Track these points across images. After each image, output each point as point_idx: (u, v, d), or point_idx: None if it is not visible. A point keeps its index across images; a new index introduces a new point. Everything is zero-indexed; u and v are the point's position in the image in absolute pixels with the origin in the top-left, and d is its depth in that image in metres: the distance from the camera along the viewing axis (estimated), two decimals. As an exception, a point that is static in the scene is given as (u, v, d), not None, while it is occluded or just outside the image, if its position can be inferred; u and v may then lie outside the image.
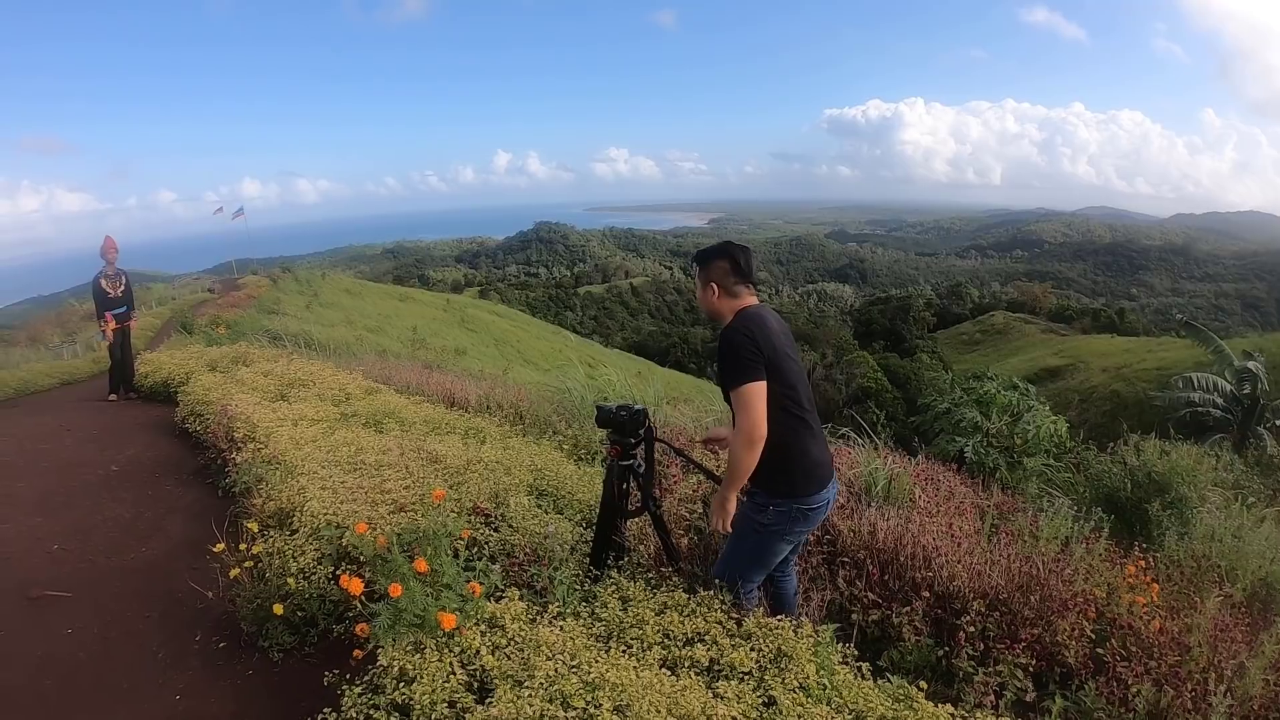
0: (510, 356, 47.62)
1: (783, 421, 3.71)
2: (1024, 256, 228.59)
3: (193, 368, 12.62)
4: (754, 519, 3.84)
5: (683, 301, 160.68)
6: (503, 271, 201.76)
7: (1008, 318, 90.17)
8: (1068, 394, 46.06)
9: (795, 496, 3.78)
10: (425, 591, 3.47)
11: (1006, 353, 74.61)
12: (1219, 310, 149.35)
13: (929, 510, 5.84)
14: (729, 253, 3.98)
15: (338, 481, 5.68)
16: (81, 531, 6.70)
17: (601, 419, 4.43)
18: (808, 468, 3.79)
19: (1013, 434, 11.79)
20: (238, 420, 7.95)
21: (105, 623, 5.02)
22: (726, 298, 3.95)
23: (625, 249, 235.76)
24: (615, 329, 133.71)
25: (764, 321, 3.81)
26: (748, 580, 4.05)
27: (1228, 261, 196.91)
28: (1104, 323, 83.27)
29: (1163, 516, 7.42)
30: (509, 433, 8.35)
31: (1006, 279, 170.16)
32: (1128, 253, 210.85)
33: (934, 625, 4.41)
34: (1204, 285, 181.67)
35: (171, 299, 40.47)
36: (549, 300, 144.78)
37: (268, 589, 4.59)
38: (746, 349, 3.64)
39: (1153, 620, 4.37)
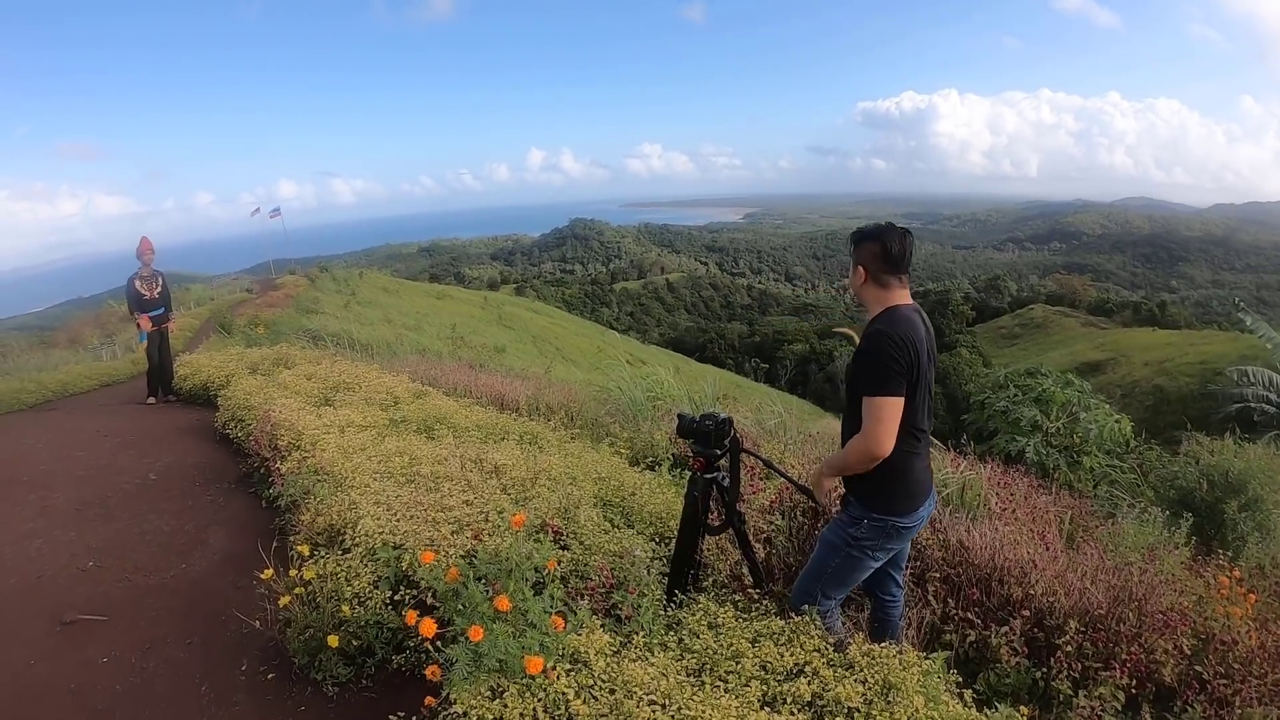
0: (549, 354, 47.56)
1: (901, 439, 3.45)
2: (1062, 249, 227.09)
3: (233, 370, 12.43)
4: (847, 531, 3.63)
5: (719, 297, 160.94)
6: (538, 269, 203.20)
7: (1047, 311, 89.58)
8: (1109, 388, 45.49)
9: (894, 513, 3.57)
10: (507, 631, 3.17)
11: (1046, 347, 74.08)
12: (1261, 302, 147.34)
13: (1008, 517, 5.55)
14: (882, 236, 3.66)
15: (392, 495, 5.37)
16: (118, 546, 6.47)
17: (684, 429, 4.13)
18: (910, 485, 3.60)
19: (1072, 433, 11.46)
20: (281, 427, 7.68)
21: (144, 650, 4.74)
22: (874, 287, 3.66)
23: (660, 245, 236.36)
24: (652, 325, 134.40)
25: (916, 331, 3.53)
26: (829, 598, 3.81)
27: (1269, 251, 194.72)
28: (1144, 315, 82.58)
29: (1240, 519, 7.10)
30: (564, 437, 8.08)
31: (1045, 272, 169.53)
32: (1167, 244, 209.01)
33: (1028, 644, 4.13)
34: (1245, 276, 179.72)
35: (210, 299, 40.68)
36: (585, 297, 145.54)
37: (320, 617, 4.29)
38: (897, 362, 3.40)
39: (1251, 634, 4.07)
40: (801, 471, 5.56)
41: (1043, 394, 12.34)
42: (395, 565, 4.38)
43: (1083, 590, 4.29)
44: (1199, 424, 10.80)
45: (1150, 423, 24.60)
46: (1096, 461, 10.70)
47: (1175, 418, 28.02)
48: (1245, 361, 28.97)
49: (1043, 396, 12.29)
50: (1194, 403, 34.48)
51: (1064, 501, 6.85)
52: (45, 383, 15.39)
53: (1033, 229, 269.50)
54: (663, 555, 4.73)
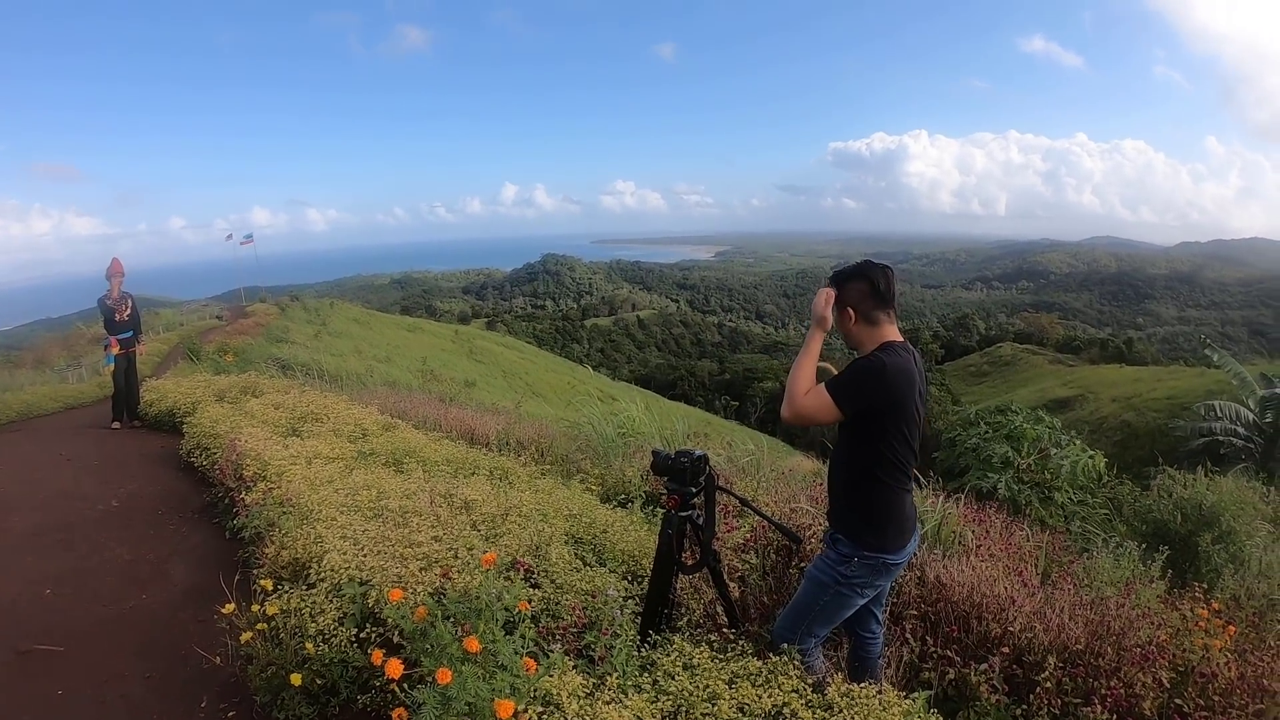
0: (520, 389, 47.47)
1: (887, 475, 3.49)
2: (1030, 287, 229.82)
3: (199, 397, 12.29)
4: (836, 570, 3.58)
5: (689, 335, 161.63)
6: (510, 303, 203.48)
7: (1015, 349, 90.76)
8: (1078, 424, 45.80)
9: (885, 550, 3.55)
10: (476, 674, 3.07)
11: (1015, 384, 74.88)
12: (1226, 338, 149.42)
13: (983, 553, 5.52)
14: (867, 274, 3.64)
15: (359, 530, 5.24)
16: (78, 575, 6.36)
17: (659, 466, 4.05)
18: (901, 521, 3.59)
19: (1044, 469, 11.48)
20: (247, 456, 7.56)
21: (101, 683, 4.61)
22: (865, 325, 3.63)
23: (632, 281, 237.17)
24: (623, 361, 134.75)
25: (906, 367, 3.51)
26: (813, 635, 3.77)
27: (1234, 288, 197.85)
28: (1112, 352, 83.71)
29: (1213, 552, 7.14)
30: (535, 473, 8.01)
31: (1013, 310, 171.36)
32: (1133, 282, 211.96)
33: (1007, 682, 4.07)
34: (1210, 313, 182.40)
35: (179, 325, 40.45)
36: (556, 332, 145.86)
37: (283, 654, 4.15)
38: (867, 385, 3.43)
39: (1230, 665, 4.04)
40: (775, 509, 5.50)
41: (1013, 431, 12.38)
42: (361, 602, 4.27)
43: (1061, 626, 4.24)
44: (1168, 458, 10.88)
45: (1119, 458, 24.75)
46: (1068, 497, 10.72)
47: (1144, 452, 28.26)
48: (1212, 396, 29.36)
49: (1013, 433, 12.33)
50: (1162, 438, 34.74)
51: (1038, 537, 6.83)
52: (9, 403, 15.25)
53: (1001, 268, 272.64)
54: (636, 594, 4.66)
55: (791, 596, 4.32)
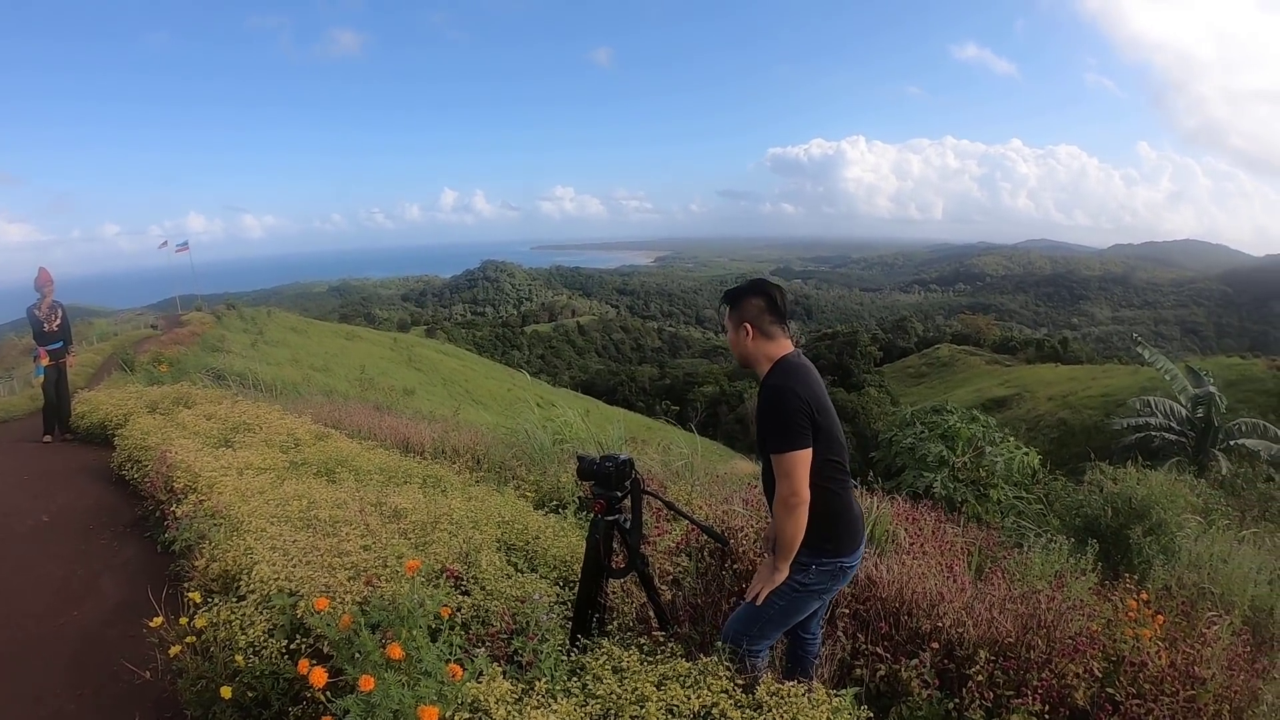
0: (459, 396, 47.13)
1: (829, 478, 3.55)
2: (967, 290, 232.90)
3: (131, 408, 12.07)
4: (793, 579, 3.60)
5: (629, 340, 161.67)
6: (449, 310, 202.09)
7: (953, 350, 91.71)
8: (1015, 423, 46.55)
9: (841, 554, 3.62)
10: (400, 680, 3.04)
11: (953, 384, 75.66)
12: (1159, 336, 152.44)
13: (916, 551, 5.58)
14: (763, 289, 3.71)
15: (289, 540, 5.18)
16: (7, 591, 6.26)
17: (584, 471, 4.07)
18: (851, 522, 3.66)
19: (979, 467, 11.63)
20: (178, 468, 7.47)
21: (32, 700, 4.55)
22: (762, 340, 3.67)
23: (572, 288, 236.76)
24: (563, 368, 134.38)
25: (807, 374, 3.59)
26: (766, 639, 3.79)
27: (1166, 289, 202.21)
28: (1047, 352, 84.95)
29: (1144, 544, 7.26)
30: (469, 480, 7.99)
31: (950, 312, 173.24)
32: (1068, 283, 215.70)
33: (939, 676, 4.11)
34: (1144, 312, 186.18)
35: (113, 334, 39.66)
36: (496, 339, 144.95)
37: (213, 667, 4.10)
38: (798, 413, 3.45)
39: (1160, 653, 4.13)
40: (709, 512, 5.52)
41: (948, 430, 12.54)
42: (291, 613, 4.21)
43: (991, 620, 4.30)
44: (1102, 454, 11.08)
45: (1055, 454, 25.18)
46: (1003, 494, 10.86)
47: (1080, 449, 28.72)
48: (1146, 393, 29.89)
49: (948, 432, 12.48)
50: (1097, 434, 35.33)
51: (972, 534, 6.92)
52: (-63, 417, 14.81)
53: (938, 271, 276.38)
54: (567, 599, 4.68)
55: (725, 598, 4.34)
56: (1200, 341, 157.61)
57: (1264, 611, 6.27)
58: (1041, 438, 42.99)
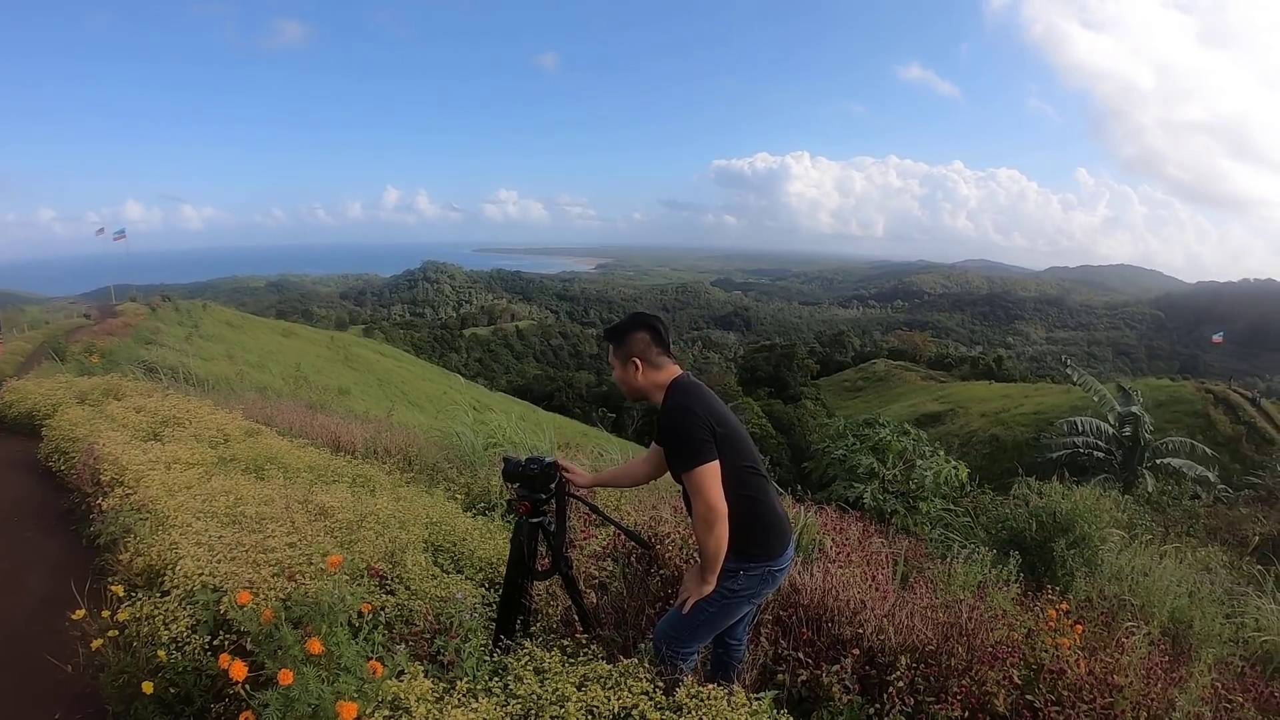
0: (395, 397, 46.73)
1: (747, 482, 3.59)
2: (905, 306, 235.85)
3: (60, 399, 11.85)
4: (723, 585, 3.64)
5: (568, 346, 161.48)
6: (388, 310, 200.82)
7: (889, 365, 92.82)
8: (949, 438, 47.09)
9: (770, 558, 3.66)
10: (320, 675, 3.04)
11: (888, 399, 76.44)
12: (1091, 357, 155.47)
13: (842, 560, 5.64)
14: (646, 323, 3.79)
15: (215, 536, 5.13)
16: (-71, 585, 6.08)
17: (509, 472, 4.10)
18: (776, 525, 3.69)
19: (908, 479, 11.78)
20: (105, 461, 7.33)
21: (-51, 695, 4.43)
22: (651, 371, 3.73)
23: (512, 291, 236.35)
24: (500, 372, 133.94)
25: (701, 391, 3.67)
26: (695, 642, 3.83)
27: (1100, 311, 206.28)
28: (982, 370, 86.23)
29: (1068, 556, 7.42)
30: (399, 481, 7.99)
31: (888, 328, 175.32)
32: (1004, 303, 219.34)
33: (861, 682, 4.18)
34: (1077, 334, 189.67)
35: (45, 323, 38.95)
36: (434, 341, 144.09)
37: (135, 662, 4.06)
38: (696, 429, 3.49)
39: (1079, 662, 4.23)
40: (637, 518, 5.54)
41: (879, 443, 12.69)
42: (214, 609, 4.17)
43: (913, 627, 4.39)
44: (1032, 471, 11.29)
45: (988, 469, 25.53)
46: (932, 506, 11.01)
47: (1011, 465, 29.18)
48: (1077, 412, 30.46)
49: (879, 445, 12.63)
50: (1028, 451, 35.87)
51: (899, 544, 7.01)
52: None
53: (878, 287, 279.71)
54: (492, 600, 4.68)
55: (650, 603, 4.37)
56: (1132, 363, 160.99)
57: (1183, 623, 6.44)
58: (974, 453, 43.57)
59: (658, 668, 3.67)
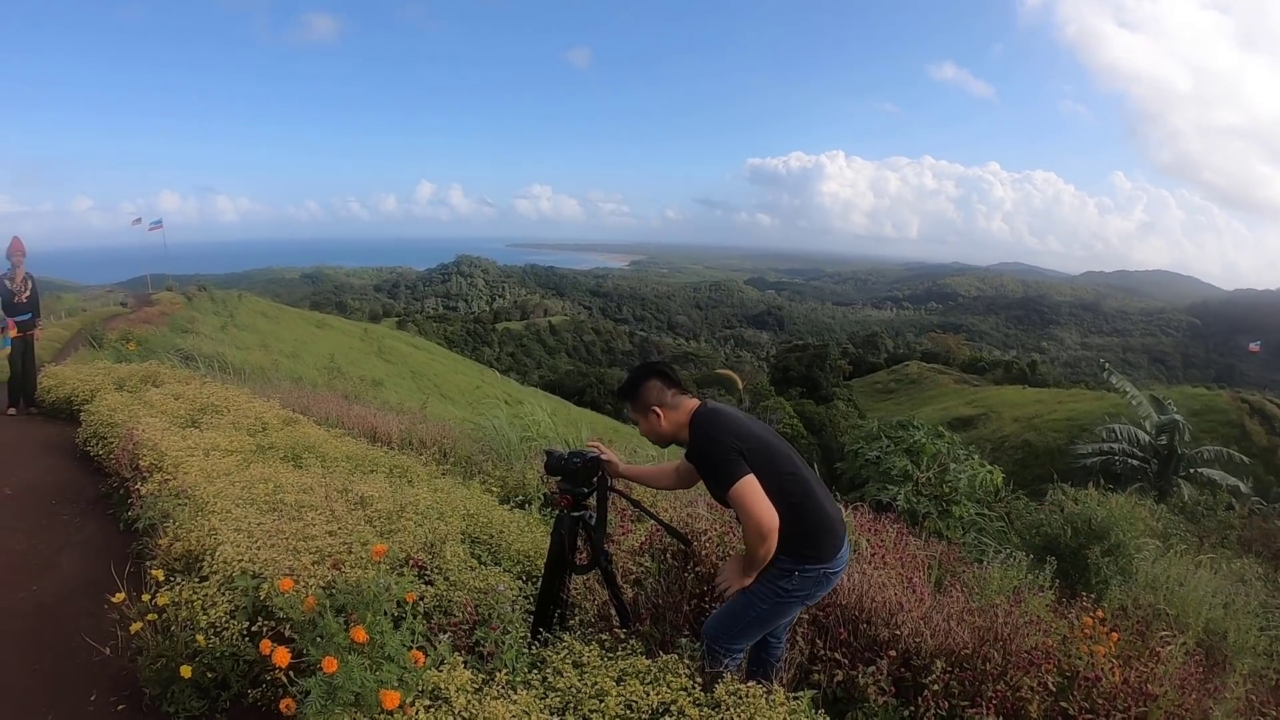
0: (428, 390, 46.92)
1: (788, 490, 3.58)
2: (938, 309, 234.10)
3: (99, 385, 11.89)
4: (778, 584, 3.66)
5: (600, 342, 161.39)
6: (422, 304, 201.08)
7: (922, 368, 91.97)
8: (980, 443, 46.58)
9: (823, 560, 3.66)
10: (363, 664, 3.05)
11: (920, 402, 75.77)
12: (1126, 364, 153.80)
13: (877, 561, 5.61)
14: (653, 370, 3.89)
15: (254, 523, 5.14)
16: (-34, 564, 6.12)
17: (552, 466, 4.12)
18: (830, 526, 3.69)
19: (942, 482, 11.69)
20: (144, 446, 7.37)
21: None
22: (671, 413, 3.79)
23: (545, 287, 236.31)
24: (532, 366, 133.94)
25: (722, 416, 3.71)
26: (744, 640, 3.84)
27: (1135, 317, 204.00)
28: (1015, 374, 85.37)
29: (1103, 564, 7.34)
30: (435, 472, 7.97)
31: (921, 330, 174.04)
32: (1039, 307, 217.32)
33: (896, 684, 4.15)
34: (1112, 339, 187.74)
35: (82, 310, 39.31)
36: (467, 335, 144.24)
37: (174, 646, 4.07)
38: (721, 450, 3.55)
39: (1114, 670, 4.17)
40: (673, 515, 5.53)
41: (914, 445, 12.59)
42: (253, 594, 4.18)
43: (949, 631, 4.34)
44: (1065, 477, 11.19)
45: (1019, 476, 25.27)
46: (965, 510, 10.92)
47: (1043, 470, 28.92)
48: (1111, 419, 30.09)
49: (914, 447, 12.53)
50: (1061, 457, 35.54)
51: (933, 547, 6.96)
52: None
53: (911, 289, 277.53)
54: (529, 593, 4.69)
55: (687, 599, 4.36)
56: (1167, 371, 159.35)
57: (1217, 634, 6.37)
58: (1006, 458, 43.16)
59: (698, 663, 3.69)
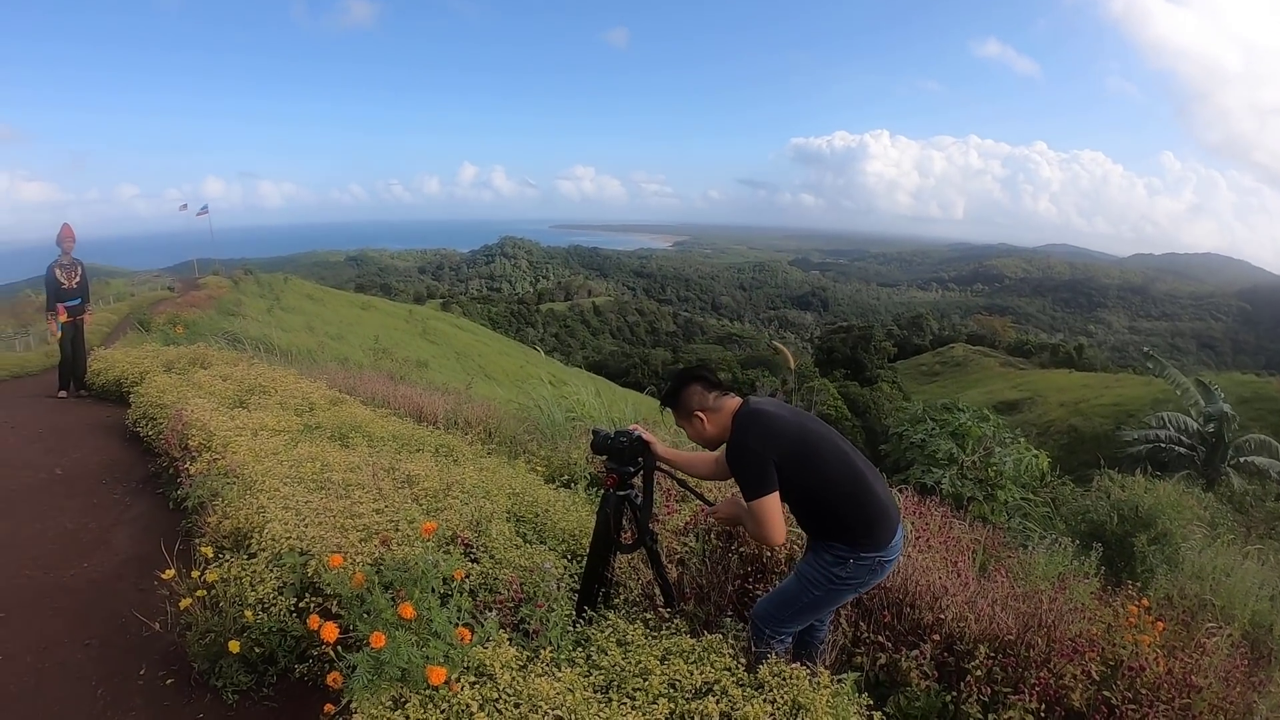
0: (472, 371, 47.14)
1: (837, 482, 3.58)
2: (984, 290, 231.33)
3: (148, 367, 12.07)
4: (832, 571, 3.62)
5: (644, 323, 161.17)
6: (466, 285, 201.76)
7: (967, 350, 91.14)
8: (1025, 427, 46.20)
9: (878, 548, 3.61)
10: (410, 640, 3.08)
11: (965, 385, 75.15)
12: (1175, 349, 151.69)
13: (922, 545, 5.58)
14: (693, 375, 3.86)
15: (301, 501, 5.22)
16: (19, 542, 6.26)
17: (598, 445, 4.10)
18: (884, 513, 3.64)
19: (987, 466, 11.59)
20: (193, 427, 7.48)
21: (40, 650, 4.55)
22: (714, 415, 3.79)
23: (589, 268, 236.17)
24: (576, 347, 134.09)
25: (761, 419, 3.67)
26: (794, 624, 3.82)
27: (1184, 301, 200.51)
28: (1062, 358, 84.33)
29: (1148, 552, 7.25)
30: (480, 452, 8.00)
31: (967, 312, 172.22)
32: (1086, 290, 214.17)
33: (938, 669, 4.13)
34: (1161, 324, 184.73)
35: (130, 295, 39.85)
36: (511, 315, 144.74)
37: (222, 622, 4.14)
38: (753, 460, 3.56)
39: (1159, 660, 4.13)
40: (717, 496, 5.54)
41: (959, 428, 12.47)
42: (301, 571, 4.24)
43: (993, 616, 4.30)
44: (1111, 463, 11.04)
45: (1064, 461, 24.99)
46: (1011, 495, 10.82)
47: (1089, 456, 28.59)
48: (1158, 406, 29.69)
49: (959, 430, 12.41)
50: (1107, 443, 35.13)
51: (978, 531, 6.91)
52: (-47, 370, 14.86)
53: (957, 270, 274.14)
54: (574, 572, 4.68)
55: (730, 579, 4.37)
56: (1216, 356, 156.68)
57: (1263, 627, 6.27)
58: (1051, 443, 42.70)
59: (742, 643, 3.69)
